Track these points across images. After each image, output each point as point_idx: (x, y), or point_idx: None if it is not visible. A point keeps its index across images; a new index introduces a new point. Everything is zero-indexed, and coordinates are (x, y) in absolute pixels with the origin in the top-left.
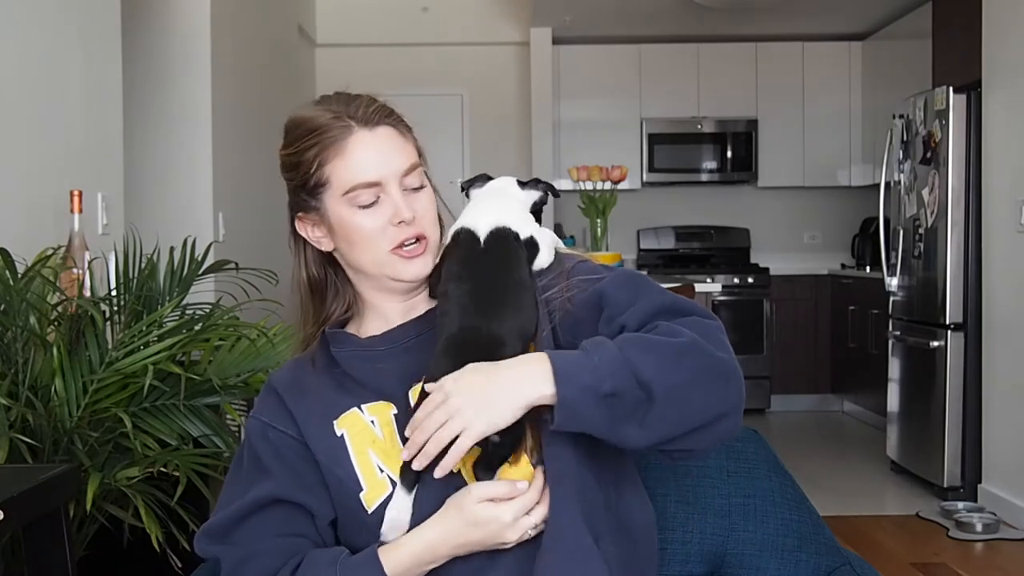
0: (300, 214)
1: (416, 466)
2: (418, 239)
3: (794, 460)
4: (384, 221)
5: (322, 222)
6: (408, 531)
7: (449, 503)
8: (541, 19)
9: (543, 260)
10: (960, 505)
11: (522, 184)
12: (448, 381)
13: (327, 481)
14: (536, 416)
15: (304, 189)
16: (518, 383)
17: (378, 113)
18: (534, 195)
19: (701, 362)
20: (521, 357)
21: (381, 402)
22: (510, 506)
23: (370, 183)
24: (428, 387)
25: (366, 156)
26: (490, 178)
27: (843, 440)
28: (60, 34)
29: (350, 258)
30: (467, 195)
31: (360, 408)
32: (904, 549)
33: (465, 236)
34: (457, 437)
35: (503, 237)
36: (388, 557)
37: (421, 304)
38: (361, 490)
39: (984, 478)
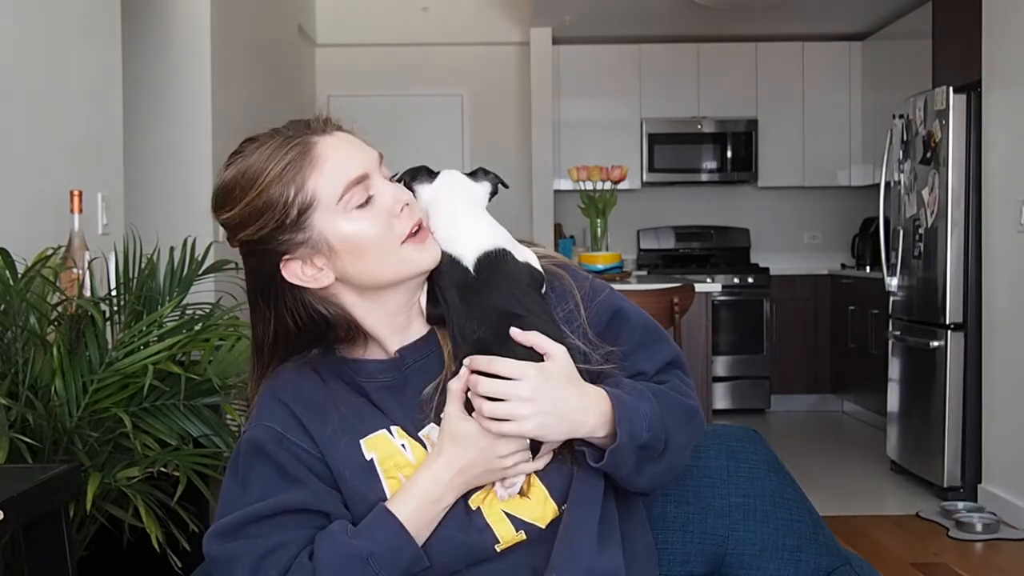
0: (285, 257)
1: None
2: (419, 226)
3: (794, 460)
4: (385, 216)
5: (316, 252)
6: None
7: (442, 433)
8: (541, 19)
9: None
10: (960, 505)
11: (471, 175)
12: (539, 373)
13: (353, 500)
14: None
15: (284, 227)
16: (582, 412)
17: (327, 123)
18: (487, 187)
19: (695, 429)
20: (588, 387)
21: (399, 428)
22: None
23: (359, 177)
24: (515, 367)
25: (342, 155)
26: (431, 171)
27: (843, 440)
28: (60, 34)
29: (360, 273)
30: (410, 188)
31: (389, 431)
32: (904, 549)
33: (452, 263)
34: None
35: (498, 260)
36: (397, 505)
37: (414, 328)
38: None
39: (984, 478)
